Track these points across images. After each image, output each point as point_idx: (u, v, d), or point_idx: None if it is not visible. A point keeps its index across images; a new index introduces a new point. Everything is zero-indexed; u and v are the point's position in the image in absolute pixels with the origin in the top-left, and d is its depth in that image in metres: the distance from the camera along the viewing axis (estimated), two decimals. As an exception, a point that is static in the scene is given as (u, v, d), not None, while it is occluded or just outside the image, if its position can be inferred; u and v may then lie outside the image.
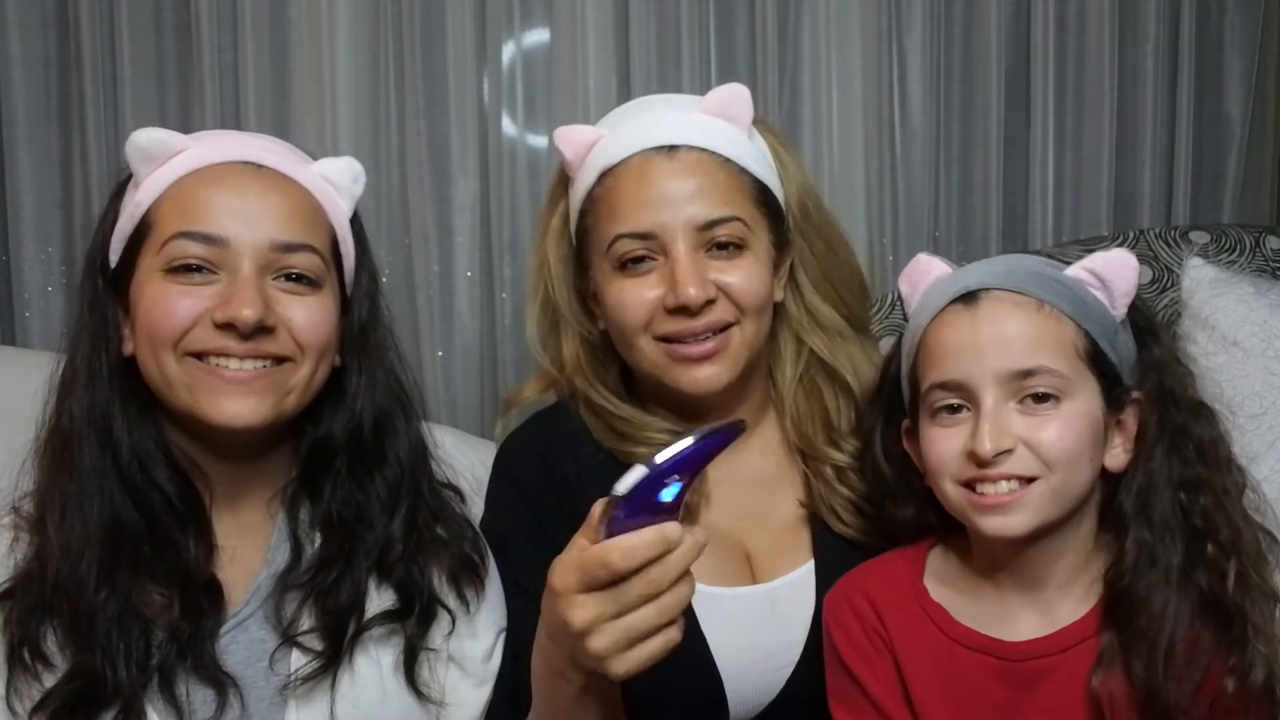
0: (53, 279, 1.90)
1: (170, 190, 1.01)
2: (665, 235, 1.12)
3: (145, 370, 1.01)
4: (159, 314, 0.98)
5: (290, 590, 1.03)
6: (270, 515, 1.08)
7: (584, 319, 1.24)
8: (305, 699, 1.02)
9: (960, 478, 0.98)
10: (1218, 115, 2.12)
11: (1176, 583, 0.96)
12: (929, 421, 1.02)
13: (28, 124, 1.87)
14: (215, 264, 0.99)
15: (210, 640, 1.00)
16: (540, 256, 1.26)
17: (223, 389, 0.99)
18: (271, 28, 1.86)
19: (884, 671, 1.05)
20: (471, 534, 1.14)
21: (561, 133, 1.21)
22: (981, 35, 2.00)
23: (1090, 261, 1.02)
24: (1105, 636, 0.97)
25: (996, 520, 0.97)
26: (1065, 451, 0.96)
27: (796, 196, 1.22)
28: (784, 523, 1.22)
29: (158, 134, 1.02)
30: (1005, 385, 0.97)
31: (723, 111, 1.17)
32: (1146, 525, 0.99)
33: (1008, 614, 1.03)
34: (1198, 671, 0.94)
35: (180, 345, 0.98)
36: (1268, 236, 1.84)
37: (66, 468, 1.00)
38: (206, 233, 0.99)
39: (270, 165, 1.03)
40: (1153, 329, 1.06)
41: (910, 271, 1.09)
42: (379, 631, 1.05)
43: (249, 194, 1.01)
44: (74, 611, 0.97)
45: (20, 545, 1.02)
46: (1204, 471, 1.00)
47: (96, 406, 1.01)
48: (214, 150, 1.03)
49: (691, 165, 1.14)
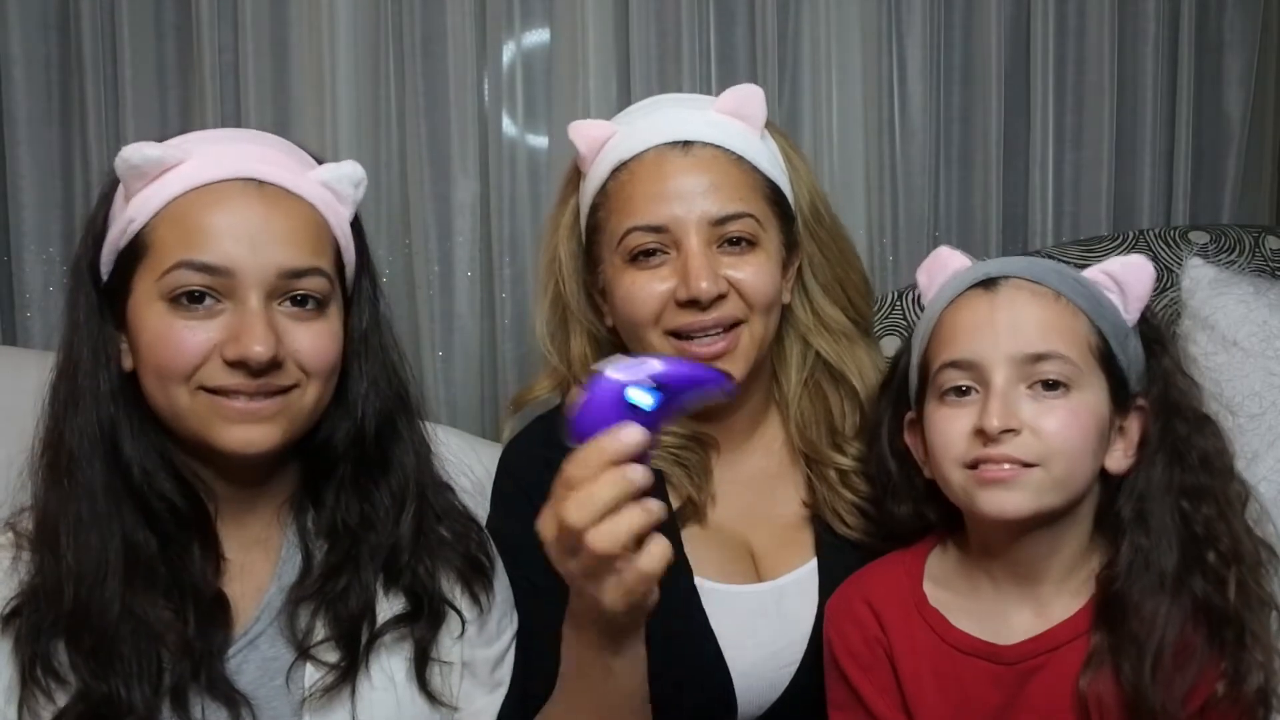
0: (53, 279, 1.90)
1: (168, 210, 0.96)
2: (678, 229, 1.13)
3: (152, 398, 0.98)
4: (168, 350, 0.95)
5: (302, 602, 1.02)
6: (278, 527, 1.07)
7: (592, 315, 1.25)
8: (321, 712, 1.01)
9: (965, 459, 0.99)
10: (1217, 115, 2.12)
11: (1170, 588, 0.97)
12: (937, 404, 1.02)
13: (28, 124, 1.87)
14: (220, 292, 0.96)
15: (220, 657, 0.98)
16: (551, 253, 1.26)
17: (236, 418, 0.97)
18: (272, 28, 1.86)
19: (882, 679, 1.06)
20: (477, 534, 1.13)
21: (576, 127, 1.21)
22: (981, 35, 2.01)
23: (1108, 265, 1.04)
24: (1095, 638, 0.98)
25: (996, 497, 0.97)
26: (1069, 441, 0.97)
27: (808, 199, 1.23)
28: (787, 522, 1.23)
29: (151, 151, 0.97)
30: (1017, 368, 0.98)
31: (737, 111, 1.18)
32: (1143, 531, 0.99)
33: (1004, 612, 1.04)
34: (1188, 676, 0.95)
35: (192, 380, 0.96)
36: (1267, 236, 1.84)
37: (75, 488, 0.98)
38: (210, 263, 0.95)
39: (272, 180, 0.99)
40: (1161, 340, 1.07)
41: (930, 263, 1.10)
42: (390, 638, 1.04)
43: (253, 218, 0.97)
44: (93, 635, 0.95)
45: (22, 563, 1.00)
46: (1207, 480, 1.01)
47: (102, 425, 0.98)
48: (212, 166, 0.98)
49: (706, 161, 1.15)
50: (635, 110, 1.25)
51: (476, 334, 1.94)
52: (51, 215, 1.90)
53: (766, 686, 1.16)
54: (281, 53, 1.88)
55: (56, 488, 0.99)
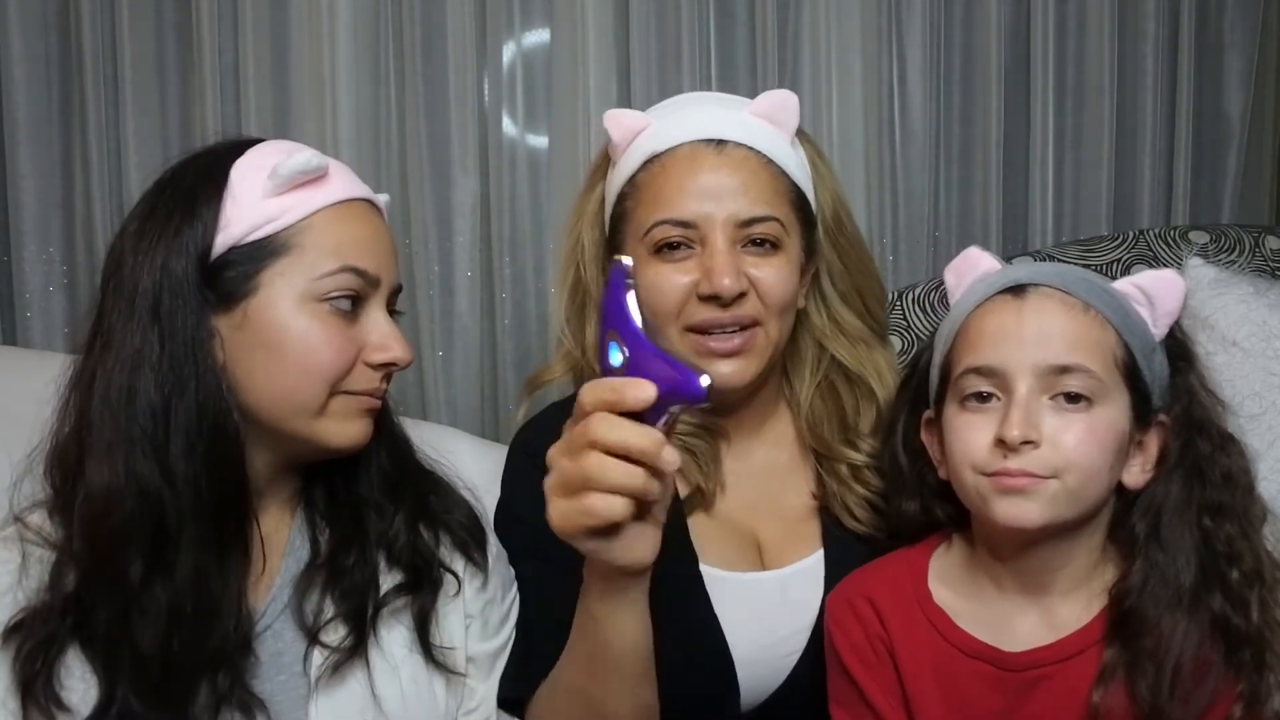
0: (53, 279, 1.91)
1: (320, 219, 1.00)
2: (706, 226, 1.14)
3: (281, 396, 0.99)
4: (327, 352, 0.99)
5: (311, 586, 1.03)
6: (286, 524, 1.07)
7: None
8: (330, 696, 1.01)
9: (983, 469, 0.98)
10: (1217, 115, 2.12)
11: (1188, 605, 0.96)
12: (956, 408, 1.01)
13: (29, 124, 1.87)
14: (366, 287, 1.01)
15: (243, 664, 0.98)
16: (574, 238, 1.27)
17: (356, 415, 1.02)
18: (272, 28, 1.87)
19: (883, 676, 1.06)
20: (467, 507, 1.14)
21: (612, 115, 1.22)
22: (981, 35, 2.01)
23: (1139, 277, 1.02)
24: (1109, 653, 0.97)
25: (1012, 506, 0.96)
26: (1087, 456, 0.96)
27: (832, 208, 1.24)
28: (795, 514, 1.24)
29: (309, 160, 0.99)
30: (1041, 378, 0.97)
31: (770, 115, 1.19)
32: (1160, 547, 0.98)
33: (1009, 618, 1.03)
34: (1204, 695, 0.94)
35: (338, 385, 1.00)
36: (1267, 236, 1.84)
37: (147, 468, 0.95)
38: (359, 269, 1.00)
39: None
40: (1187, 356, 1.06)
41: (959, 263, 1.09)
42: (389, 610, 1.04)
43: (380, 231, 1.05)
44: (132, 650, 0.94)
45: (33, 563, 0.98)
46: (1228, 498, 1.00)
47: (206, 412, 0.97)
48: (344, 186, 1.03)
49: (738, 162, 1.16)
50: (670, 104, 1.26)
51: (476, 334, 1.94)
52: (51, 215, 1.90)
53: (769, 674, 1.17)
54: (281, 53, 1.88)
55: (122, 465, 0.95)
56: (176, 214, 0.98)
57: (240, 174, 0.99)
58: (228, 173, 0.99)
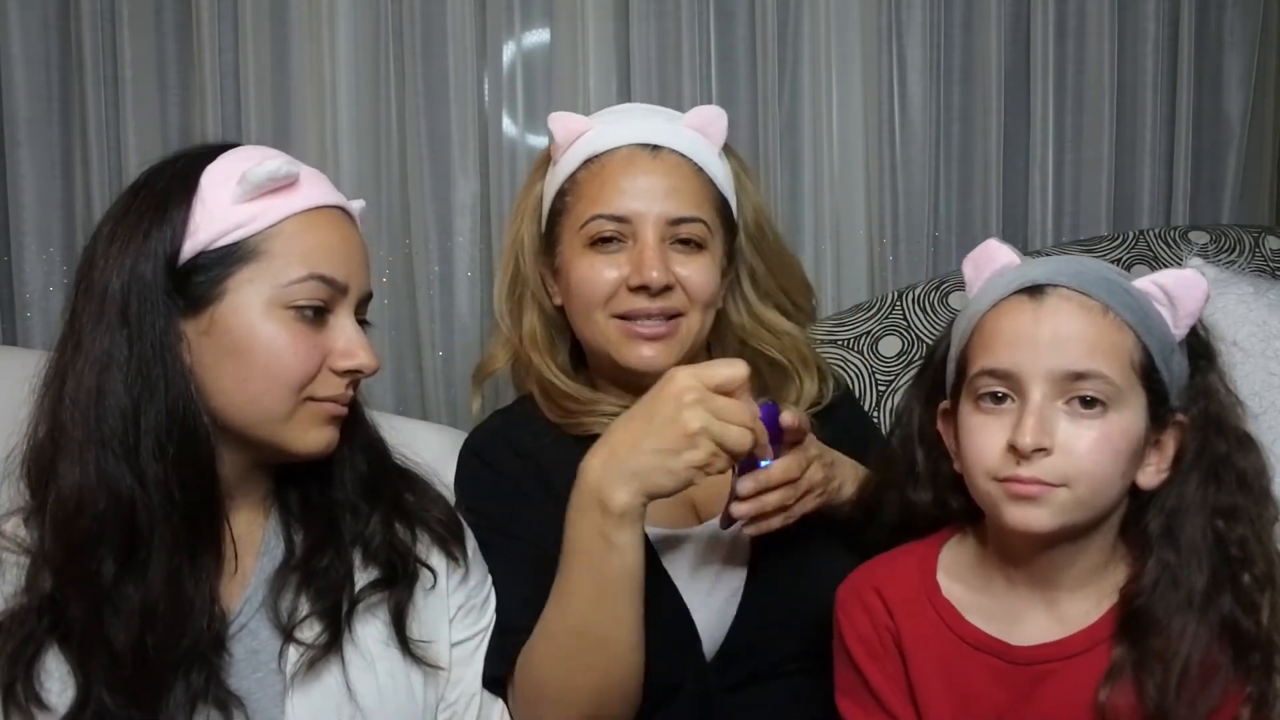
0: (53, 279, 1.91)
1: (289, 226, 1.00)
2: (638, 222, 1.24)
3: (255, 405, 0.99)
4: (290, 357, 0.99)
5: (286, 585, 1.03)
6: (259, 523, 1.07)
7: (544, 295, 1.34)
8: (305, 693, 1.01)
9: (995, 474, 0.97)
10: (1217, 115, 2.12)
11: (1198, 606, 0.96)
12: (971, 407, 1.01)
13: (29, 124, 1.87)
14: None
15: (217, 661, 0.99)
16: (514, 232, 1.37)
17: (322, 421, 1.03)
18: (272, 28, 1.87)
19: (890, 668, 1.06)
20: (445, 504, 1.16)
21: (557, 116, 1.32)
22: (981, 35, 2.01)
23: (1161, 276, 1.00)
24: (1117, 651, 0.97)
25: (1022, 512, 0.96)
26: (1099, 464, 0.95)
27: (754, 216, 1.36)
28: None
29: (280, 167, 0.99)
30: (1056, 384, 0.96)
31: (702, 128, 1.30)
32: (1172, 547, 0.98)
33: (1017, 612, 1.03)
34: (1212, 696, 0.94)
35: (304, 392, 1.00)
36: (1267, 236, 1.84)
37: (117, 468, 0.96)
38: (331, 278, 1.01)
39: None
40: (1208, 355, 1.04)
41: (977, 255, 1.07)
42: (364, 606, 1.05)
43: (351, 238, 1.05)
44: (106, 649, 0.94)
45: (9, 569, 0.99)
46: (1243, 500, 0.99)
47: (179, 414, 0.97)
48: (315, 193, 1.04)
49: (671, 166, 1.27)
50: (611, 112, 1.36)
51: (476, 334, 1.94)
52: (51, 215, 1.90)
53: (717, 616, 1.23)
54: (282, 53, 1.88)
55: (94, 466, 0.95)
56: (147, 217, 0.98)
57: (211, 179, 0.99)
58: (199, 178, 0.99)
